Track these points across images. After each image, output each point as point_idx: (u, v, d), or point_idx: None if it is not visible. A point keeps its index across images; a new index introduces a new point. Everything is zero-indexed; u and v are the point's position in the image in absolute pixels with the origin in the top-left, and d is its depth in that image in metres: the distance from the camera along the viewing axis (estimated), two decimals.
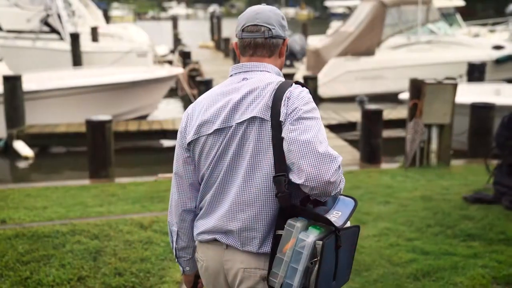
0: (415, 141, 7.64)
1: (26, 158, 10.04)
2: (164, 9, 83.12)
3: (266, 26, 2.12)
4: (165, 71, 13.18)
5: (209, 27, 33.76)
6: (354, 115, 11.79)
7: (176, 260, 2.31)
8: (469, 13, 35.61)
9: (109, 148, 7.73)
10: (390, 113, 11.18)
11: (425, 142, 7.75)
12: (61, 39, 16.68)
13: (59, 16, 16.55)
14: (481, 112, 8.69)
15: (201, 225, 2.15)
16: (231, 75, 2.17)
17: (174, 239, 2.25)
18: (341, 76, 15.75)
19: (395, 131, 10.92)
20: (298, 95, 2.00)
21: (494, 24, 23.60)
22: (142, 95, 12.34)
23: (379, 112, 8.68)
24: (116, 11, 60.08)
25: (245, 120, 2.03)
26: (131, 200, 6.14)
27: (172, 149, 2.46)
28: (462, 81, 13.27)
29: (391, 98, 12.82)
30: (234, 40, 2.23)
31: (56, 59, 16.05)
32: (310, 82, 12.36)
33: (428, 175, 7.30)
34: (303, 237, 1.88)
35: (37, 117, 10.88)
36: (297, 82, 2.07)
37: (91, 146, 7.76)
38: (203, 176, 2.13)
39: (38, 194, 6.35)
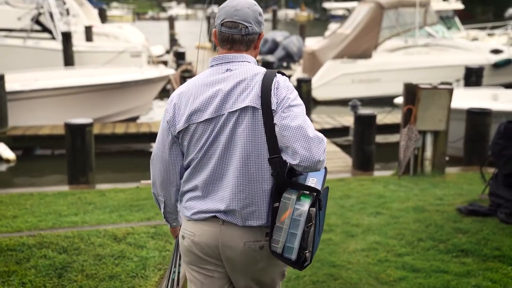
0: (408, 148, 7.34)
1: (7, 161, 9.72)
2: (163, 9, 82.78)
3: (243, 24, 2.25)
4: (156, 71, 12.87)
5: (206, 27, 33.51)
6: (348, 119, 11.48)
7: (165, 220, 2.53)
8: (467, 17, 35.47)
9: (90, 152, 7.38)
10: (385, 117, 10.90)
11: (419, 149, 7.45)
12: (53, 38, 16.35)
13: (51, 15, 16.23)
14: (477, 118, 8.42)
15: (198, 205, 2.28)
16: (212, 66, 2.30)
17: (162, 206, 2.46)
18: (337, 78, 15.49)
19: (390, 136, 10.64)
20: (284, 84, 2.21)
21: (493, 27, 23.35)
22: (132, 97, 12.02)
23: (372, 117, 8.39)
24: (115, 10, 59.82)
25: (237, 109, 2.18)
26: (109, 208, 5.83)
27: None
28: (459, 85, 13.00)
29: (388, 101, 12.54)
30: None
31: (47, 59, 15.71)
32: (304, 85, 12.09)
33: (422, 184, 7.02)
34: (299, 207, 2.16)
35: (21, 119, 10.55)
36: (279, 72, 2.25)
37: (70, 150, 7.41)
38: (191, 160, 2.27)
39: (11, 202, 6.03)
